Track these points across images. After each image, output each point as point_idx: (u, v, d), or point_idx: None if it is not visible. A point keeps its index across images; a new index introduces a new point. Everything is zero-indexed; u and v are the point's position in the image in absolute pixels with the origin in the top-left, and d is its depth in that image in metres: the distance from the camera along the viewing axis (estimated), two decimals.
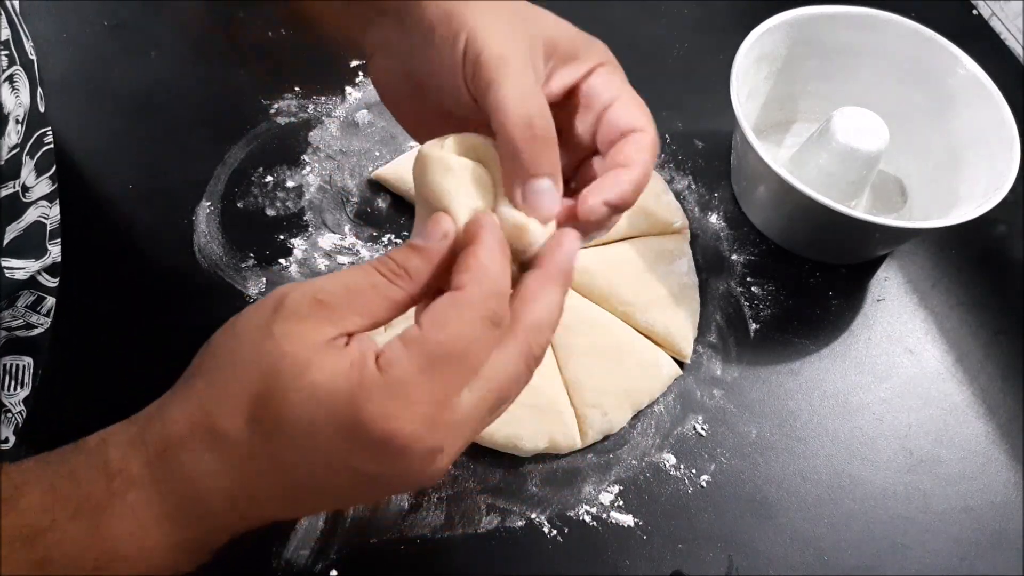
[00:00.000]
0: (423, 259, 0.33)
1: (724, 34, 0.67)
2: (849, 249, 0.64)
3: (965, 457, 0.57)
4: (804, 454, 0.56)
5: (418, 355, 0.29)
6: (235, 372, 0.30)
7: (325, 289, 0.31)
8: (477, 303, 0.31)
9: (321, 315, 0.30)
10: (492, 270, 0.32)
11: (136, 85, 0.69)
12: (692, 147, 0.70)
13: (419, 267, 0.32)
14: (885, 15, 0.65)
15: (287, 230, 0.62)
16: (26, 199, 0.51)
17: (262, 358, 0.30)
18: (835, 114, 0.62)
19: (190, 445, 0.30)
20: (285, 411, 0.29)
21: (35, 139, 0.51)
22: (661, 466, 0.54)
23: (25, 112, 0.49)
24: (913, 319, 0.63)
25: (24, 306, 0.52)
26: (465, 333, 0.30)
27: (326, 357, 0.29)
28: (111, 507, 0.30)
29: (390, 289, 0.32)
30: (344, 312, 0.31)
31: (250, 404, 0.29)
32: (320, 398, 0.29)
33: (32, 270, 0.52)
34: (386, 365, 0.29)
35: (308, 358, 0.29)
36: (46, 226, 0.53)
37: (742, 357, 0.60)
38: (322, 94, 0.69)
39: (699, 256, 0.64)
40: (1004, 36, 0.82)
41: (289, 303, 0.30)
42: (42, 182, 0.53)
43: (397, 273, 0.32)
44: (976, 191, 0.60)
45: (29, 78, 0.51)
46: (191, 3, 0.75)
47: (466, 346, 0.30)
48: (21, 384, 0.52)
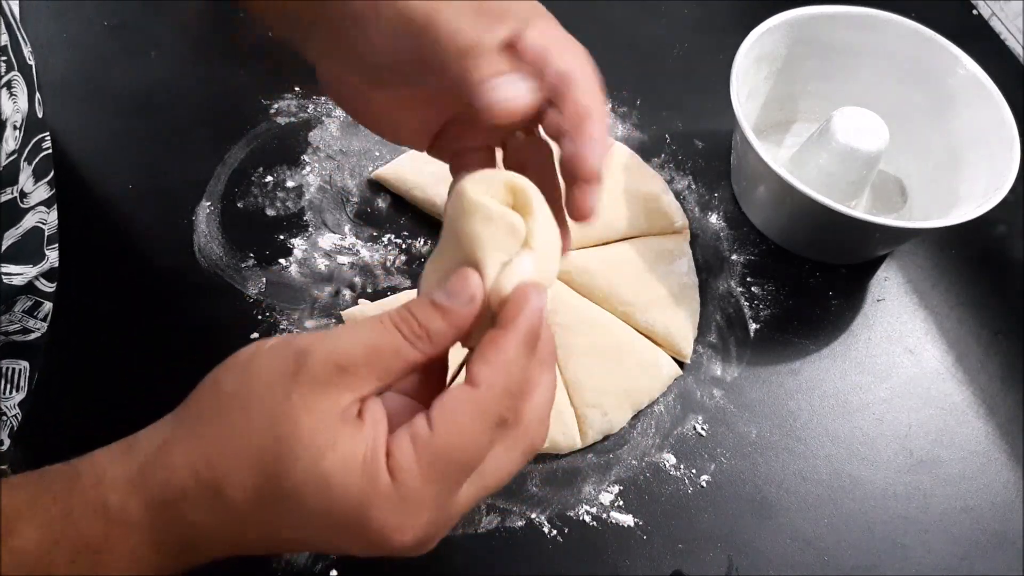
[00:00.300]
0: (447, 323, 0.32)
1: (724, 34, 0.67)
2: (849, 249, 0.64)
3: (965, 457, 0.57)
4: (804, 454, 0.56)
5: (428, 461, 0.29)
6: (247, 432, 0.30)
7: (348, 353, 0.30)
8: (492, 406, 0.30)
9: (341, 383, 0.30)
10: (515, 368, 0.31)
11: (136, 85, 0.69)
12: (692, 147, 0.70)
13: (442, 331, 0.32)
14: (885, 15, 0.65)
15: (287, 230, 0.62)
16: (24, 205, 0.51)
17: (277, 426, 0.29)
18: (835, 114, 0.62)
19: (192, 499, 0.29)
20: (294, 494, 0.29)
21: (33, 144, 0.51)
22: (661, 466, 0.54)
23: (23, 118, 0.49)
24: (913, 319, 0.63)
25: (21, 311, 0.52)
26: (476, 438, 0.30)
27: (340, 439, 0.29)
28: (109, 550, 0.30)
29: (410, 352, 0.31)
30: (364, 378, 0.30)
31: (258, 472, 0.29)
32: (331, 493, 0.29)
33: (30, 275, 0.51)
34: (397, 471, 0.29)
35: (323, 440, 0.29)
36: (44, 231, 0.53)
37: (742, 357, 0.60)
38: (322, 94, 0.69)
39: (699, 256, 0.64)
40: (1004, 36, 0.82)
41: (310, 368, 0.30)
42: (40, 188, 0.52)
43: (419, 335, 0.31)
44: (976, 191, 0.60)
45: (27, 83, 0.50)
46: (191, 3, 0.75)
47: (475, 451, 0.30)
48: (17, 388, 0.52)
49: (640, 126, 0.70)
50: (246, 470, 0.29)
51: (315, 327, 0.57)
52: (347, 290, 0.59)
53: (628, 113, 0.71)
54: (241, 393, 0.30)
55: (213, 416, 0.30)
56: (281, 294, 0.59)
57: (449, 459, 0.30)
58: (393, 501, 0.29)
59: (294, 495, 0.29)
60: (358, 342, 0.30)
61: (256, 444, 0.29)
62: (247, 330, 0.57)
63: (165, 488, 0.30)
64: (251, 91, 0.69)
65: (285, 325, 0.57)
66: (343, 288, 0.59)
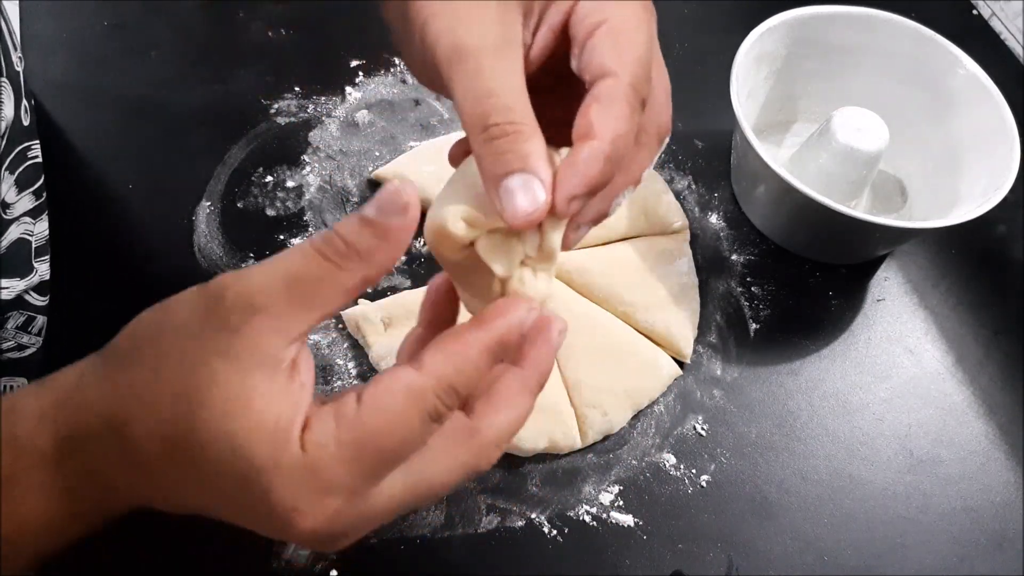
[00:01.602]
0: (374, 233, 0.28)
1: (724, 34, 0.67)
2: (849, 249, 0.64)
3: (965, 457, 0.57)
4: (804, 454, 0.56)
5: (346, 440, 0.27)
6: (159, 379, 0.27)
7: (264, 287, 0.27)
8: (430, 396, 0.28)
9: (261, 323, 0.27)
10: (469, 367, 0.29)
11: (136, 85, 0.69)
12: (692, 147, 0.70)
13: (371, 245, 0.28)
14: (885, 15, 0.65)
15: (287, 230, 0.62)
16: (7, 216, 0.49)
17: (190, 373, 0.27)
18: (835, 114, 0.62)
19: (102, 438, 0.28)
20: (199, 450, 0.27)
21: (17, 153, 0.50)
22: (661, 466, 0.54)
23: (7, 125, 0.48)
24: (913, 319, 0.63)
25: (14, 327, 0.51)
26: (404, 425, 0.27)
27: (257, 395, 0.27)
28: (18, 482, 0.28)
29: (338, 276, 0.28)
30: (287, 314, 0.27)
31: (167, 422, 0.27)
32: (234, 455, 0.26)
33: (18, 289, 0.50)
34: (309, 444, 0.27)
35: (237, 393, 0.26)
36: (31, 243, 0.52)
37: (742, 357, 0.60)
38: (322, 94, 0.69)
39: (699, 256, 0.64)
40: (1004, 36, 0.82)
41: (224, 307, 0.27)
42: (24, 198, 0.51)
43: (344, 254, 0.28)
44: (976, 191, 0.60)
45: (14, 90, 0.50)
46: (191, 3, 0.75)
47: (400, 438, 0.28)
48: None
49: None
50: (155, 418, 0.27)
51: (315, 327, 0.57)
52: None
53: None
54: (154, 334, 0.28)
55: (129, 358, 0.28)
56: None
57: (370, 442, 0.27)
58: (298, 476, 0.26)
59: (199, 452, 0.27)
60: (274, 273, 0.27)
61: (168, 392, 0.27)
62: None
63: (75, 425, 0.28)
64: (251, 91, 0.69)
65: None
66: None
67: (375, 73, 0.71)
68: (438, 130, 0.68)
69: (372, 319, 0.56)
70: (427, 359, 0.28)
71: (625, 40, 0.31)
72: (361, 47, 0.72)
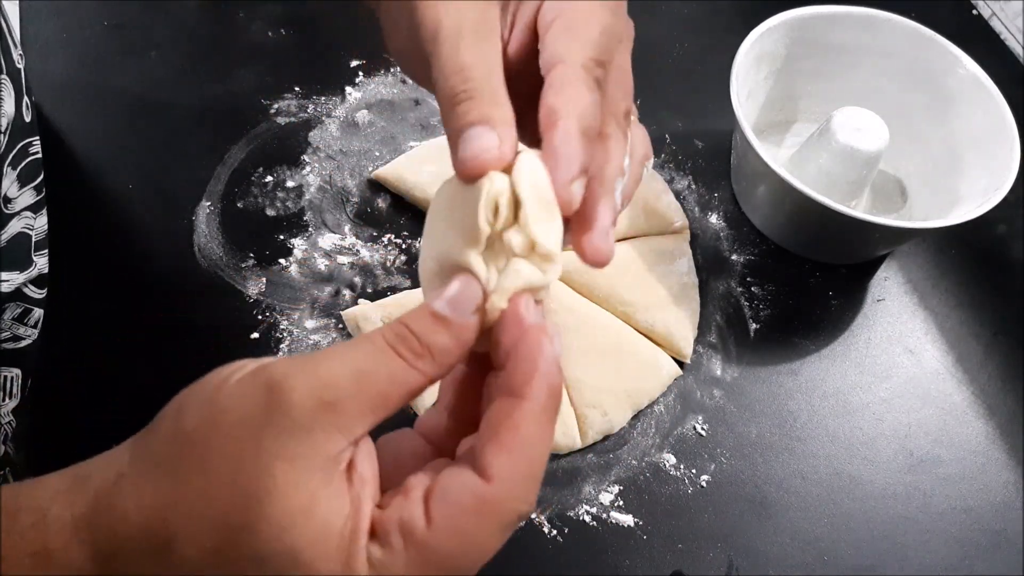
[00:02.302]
0: (451, 337, 0.26)
1: (724, 34, 0.67)
2: (849, 249, 0.64)
3: (965, 457, 0.57)
4: (804, 454, 0.56)
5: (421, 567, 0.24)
6: (208, 484, 0.24)
7: (334, 384, 0.25)
8: (509, 505, 0.25)
9: (328, 423, 0.24)
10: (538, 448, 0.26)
11: (136, 85, 0.69)
12: (692, 147, 0.70)
13: (447, 348, 0.26)
14: (885, 15, 0.65)
15: (287, 230, 0.62)
16: (8, 210, 0.50)
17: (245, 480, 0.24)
18: (835, 114, 0.62)
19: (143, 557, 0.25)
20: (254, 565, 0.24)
21: (19, 149, 0.50)
22: (661, 466, 0.54)
23: (8, 122, 0.49)
24: (913, 319, 0.63)
25: (11, 319, 0.51)
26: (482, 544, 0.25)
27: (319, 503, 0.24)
28: None
29: (410, 376, 0.26)
30: (354, 414, 0.25)
31: (218, 533, 0.24)
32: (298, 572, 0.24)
33: (17, 282, 0.51)
34: (378, 565, 0.24)
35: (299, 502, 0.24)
36: (31, 237, 0.52)
37: (742, 357, 0.60)
38: (322, 94, 0.69)
39: (699, 256, 0.64)
40: (1004, 36, 0.82)
41: (288, 404, 0.24)
42: (26, 193, 0.52)
43: (419, 354, 0.26)
44: (976, 191, 0.60)
45: (15, 87, 0.50)
46: (191, 3, 0.75)
47: (477, 558, 0.25)
48: (9, 395, 0.51)
49: None
50: (203, 527, 0.24)
51: (315, 327, 0.57)
52: (347, 290, 0.59)
53: None
54: (204, 433, 0.25)
55: (171, 459, 0.25)
56: (281, 294, 0.59)
57: (444, 565, 0.24)
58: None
59: (256, 566, 0.24)
60: (345, 369, 0.25)
61: (218, 500, 0.24)
62: (247, 330, 0.57)
63: (112, 538, 0.25)
64: (251, 91, 0.69)
65: (285, 325, 0.57)
66: (343, 288, 0.59)
67: (375, 73, 0.71)
68: (438, 130, 0.68)
69: (372, 319, 0.56)
70: (493, 465, 0.25)
71: (576, 29, 0.30)
72: (361, 47, 0.72)
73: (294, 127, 0.67)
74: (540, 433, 0.26)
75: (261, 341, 0.56)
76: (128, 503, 0.25)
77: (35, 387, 0.53)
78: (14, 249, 0.51)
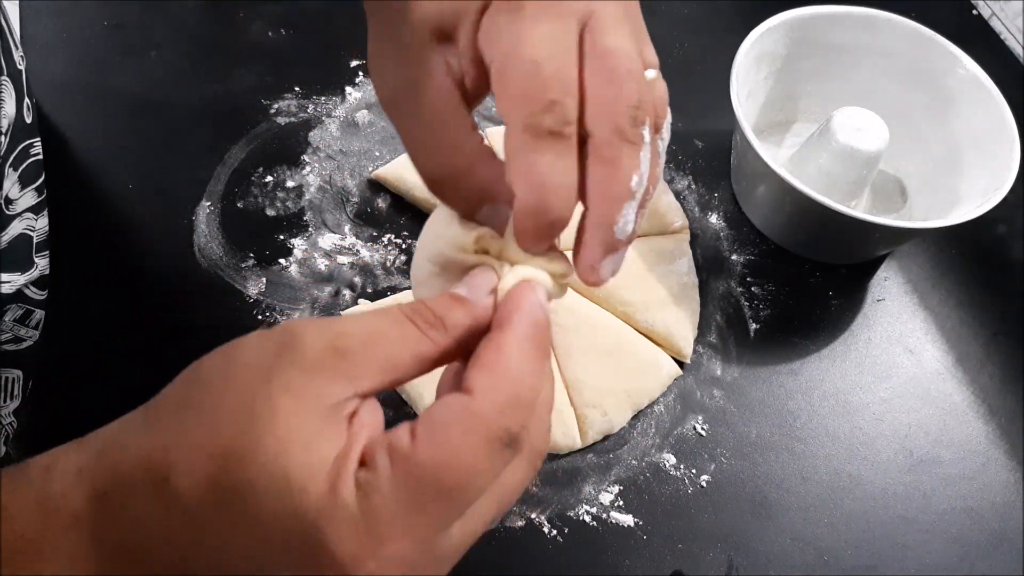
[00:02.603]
0: (465, 312, 0.28)
1: (724, 34, 0.67)
2: (849, 249, 0.64)
3: (965, 457, 0.57)
4: (804, 454, 0.56)
5: (406, 482, 0.24)
6: (213, 418, 0.25)
7: (346, 334, 0.26)
8: (490, 418, 0.25)
9: (337, 368, 0.25)
10: (526, 374, 0.26)
11: (136, 85, 0.69)
12: (692, 147, 0.70)
13: (459, 320, 0.28)
14: (885, 15, 0.65)
15: (287, 230, 0.62)
16: (9, 211, 0.50)
17: (250, 410, 0.25)
18: (835, 114, 0.62)
19: (140, 490, 0.25)
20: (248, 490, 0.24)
21: (20, 151, 0.50)
22: (661, 466, 0.54)
23: (10, 123, 0.49)
24: (913, 319, 0.63)
25: (12, 320, 0.51)
26: (467, 460, 0.25)
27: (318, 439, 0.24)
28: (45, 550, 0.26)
29: (421, 342, 0.27)
30: (363, 365, 0.26)
31: (216, 462, 0.24)
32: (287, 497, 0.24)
33: (18, 283, 0.51)
34: (366, 487, 0.24)
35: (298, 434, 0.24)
36: (32, 239, 0.52)
37: (742, 357, 0.60)
38: (322, 94, 0.69)
39: (699, 256, 0.64)
40: (1004, 36, 0.82)
41: (300, 347, 0.25)
42: (27, 194, 0.52)
43: (431, 323, 0.27)
44: (976, 191, 0.60)
45: (16, 88, 0.50)
46: (191, 3, 0.75)
47: (467, 478, 0.25)
48: (10, 396, 0.51)
49: None
50: (203, 457, 0.24)
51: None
52: (347, 290, 0.59)
53: None
54: (218, 376, 0.26)
55: (179, 400, 0.26)
56: (281, 294, 0.59)
57: (431, 480, 0.24)
58: (354, 520, 0.24)
59: (248, 491, 0.24)
60: (359, 327, 0.27)
61: (220, 429, 0.25)
62: (247, 330, 0.56)
63: (112, 476, 0.26)
64: (251, 91, 0.69)
65: None
66: (343, 288, 0.59)
67: None
68: None
69: None
70: (475, 381, 0.26)
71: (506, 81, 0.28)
72: (361, 47, 0.72)
73: (294, 127, 0.67)
74: (523, 358, 0.27)
75: None
76: (130, 440, 0.26)
77: (35, 388, 0.53)
78: (15, 250, 0.51)
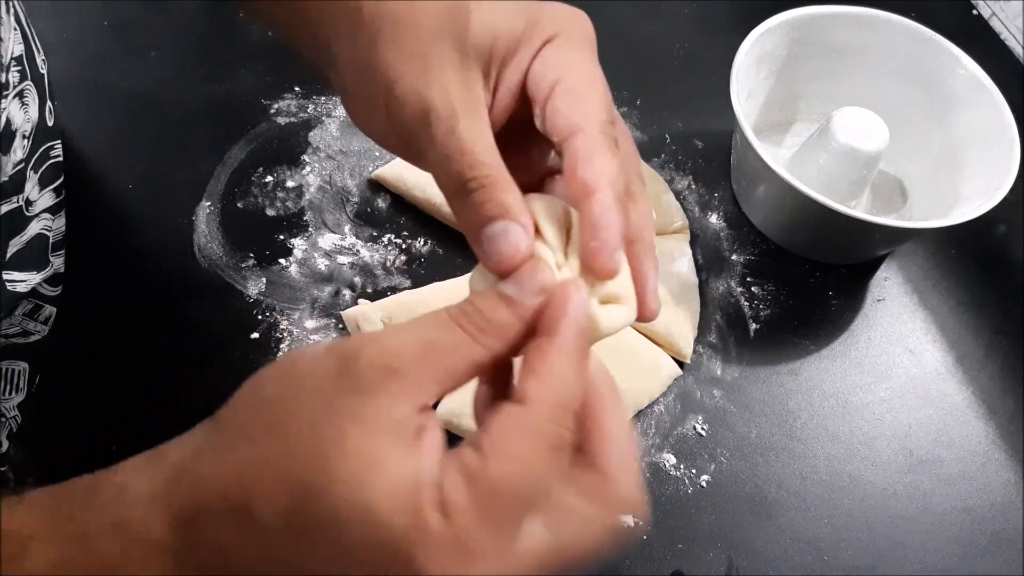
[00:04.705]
0: (515, 314, 0.28)
1: (724, 34, 0.67)
2: (849, 249, 0.64)
3: (965, 457, 0.57)
4: (804, 454, 0.56)
5: (483, 497, 0.25)
6: (284, 443, 0.26)
7: (399, 352, 0.26)
8: (546, 424, 0.26)
9: (394, 388, 0.26)
10: (569, 379, 0.27)
11: (136, 85, 0.69)
12: (692, 147, 0.70)
13: (509, 323, 0.28)
14: (885, 15, 0.65)
15: (287, 230, 0.62)
16: (29, 213, 0.50)
17: (318, 438, 0.25)
18: (835, 114, 0.62)
19: (222, 520, 0.26)
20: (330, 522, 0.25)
21: (41, 153, 0.51)
22: (661, 466, 0.54)
23: (32, 127, 0.49)
24: (913, 319, 0.63)
25: (22, 314, 0.52)
26: (532, 463, 0.26)
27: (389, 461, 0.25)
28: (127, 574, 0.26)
29: (473, 349, 0.27)
30: (421, 381, 0.27)
31: (293, 491, 0.25)
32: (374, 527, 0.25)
33: (33, 282, 0.51)
34: (450, 509, 0.25)
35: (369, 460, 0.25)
36: (48, 238, 0.53)
37: (742, 357, 0.60)
38: (322, 94, 0.69)
39: (699, 256, 0.64)
40: (1004, 36, 0.82)
41: (357, 370, 0.26)
42: (46, 194, 0.52)
43: (482, 328, 0.28)
44: (976, 191, 0.60)
45: (39, 92, 0.50)
46: (191, 3, 0.75)
47: (532, 479, 0.26)
48: (16, 389, 0.52)
49: (640, 126, 0.70)
50: (280, 487, 0.25)
51: (315, 327, 0.57)
52: (347, 290, 0.59)
53: (628, 113, 0.71)
54: (280, 399, 0.27)
55: (248, 424, 0.27)
56: (281, 294, 0.59)
57: (506, 492, 0.25)
58: (446, 545, 0.25)
59: (330, 523, 0.25)
60: (412, 339, 0.27)
61: (294, 458, 0.25)
62: (247, 330, 0.57)
63: (191, 504, 0.26)
64: (251, 91, 0.69)
65: (285, 325, 0.57)
66: (343, 288, 0.59)
67: None
68: None
69: (372, 319, 0.56)
70: (528, 389, 0.27)
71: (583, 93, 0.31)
72: None
73: (294, 127, 0.67)
74: (569, 367, 0.28)
75: (261, 341, 0.56)
76: (206, 469, 0.26)
77: (42, 384, 0.53)
78: (32, 250, 0.51)
